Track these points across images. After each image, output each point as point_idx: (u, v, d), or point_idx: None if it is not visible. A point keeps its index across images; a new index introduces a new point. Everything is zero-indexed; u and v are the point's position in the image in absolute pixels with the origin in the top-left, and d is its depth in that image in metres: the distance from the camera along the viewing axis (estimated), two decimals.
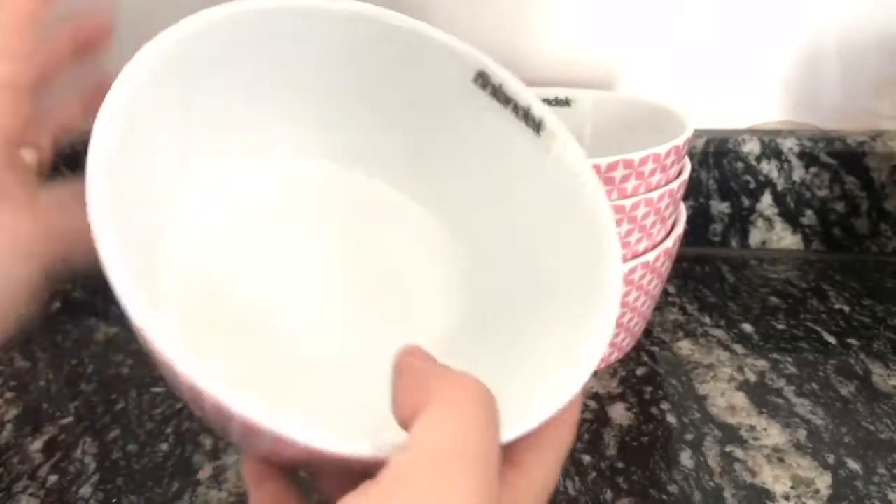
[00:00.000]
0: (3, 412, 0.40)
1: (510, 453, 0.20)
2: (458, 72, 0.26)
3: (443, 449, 0.16)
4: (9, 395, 0.42)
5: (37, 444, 0.38)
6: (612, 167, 0.34)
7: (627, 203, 0.35)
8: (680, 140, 0.36)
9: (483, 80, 0.26)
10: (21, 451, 0.37)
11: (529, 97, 0.26)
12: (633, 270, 0.37)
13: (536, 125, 0.26)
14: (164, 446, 0.37)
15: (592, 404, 0.39)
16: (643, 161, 0.35)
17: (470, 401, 0.17)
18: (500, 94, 0.26)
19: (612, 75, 0.55)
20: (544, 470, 0.20)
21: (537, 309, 0.25)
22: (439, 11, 0.54)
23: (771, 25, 0.52)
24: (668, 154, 0.36)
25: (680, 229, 0.40)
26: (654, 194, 0.36)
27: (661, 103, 0.43)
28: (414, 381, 0.18)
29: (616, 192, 0.35)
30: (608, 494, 0.33)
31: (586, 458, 0.35)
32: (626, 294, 0.38)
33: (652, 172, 0.36)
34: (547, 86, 0.48)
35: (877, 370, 0.40)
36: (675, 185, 0.37)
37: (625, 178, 0.35)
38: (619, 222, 0.35)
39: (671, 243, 0.39)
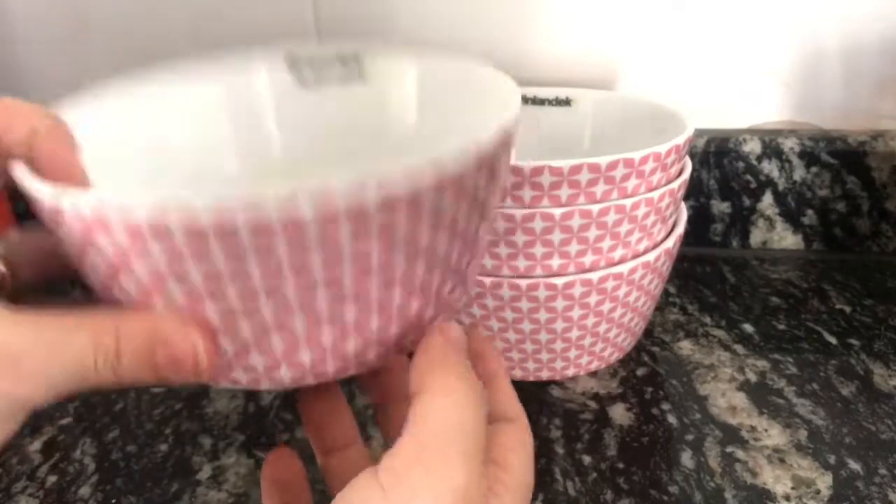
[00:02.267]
0: None
1: (495, 454, 0.21)
2: None
3: (441, 432, 0.19)
4: None
5: (36, 445, 0.38)
6: (612, 166, 0.34)
7: (628, 203, 0.35)
8: (681, 139, 0.36)
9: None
10: (20, 452, 0.37)
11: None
12: (633, 270, 0.37)
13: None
14: (164, 446, 0.37)
15: (593, 404, 0.39)
16: (644, 160, 0.35)
17: (462, 389, 0.19)
18: None
19: (612, 75, 0.55)
20: (527, 470, 0.22)
21: None
22: (441, 12, 0.54)
23: (772, 25, 0.52)
24: (668, 153, 0.36)
25: (681, 229, 0.40)
26: (655, 194, 0.36)
27: (662, 103, 0.43)
28: (426, 364, 0.20)
29: (617, 191, 0.35)
30: (608, 495, 0.33)
31: (587, 459, 0.35)
32: (627, 294, 0.37)
33: (653, 172, 0.36)
34: (547, 86, 0.48)
35: (878, 370, 0.40)
36: (675, 184, 0.37)
37: (625, 178, 0.35)
38: (619, 222, 0.35)
39: (672, 243, 0.39)
